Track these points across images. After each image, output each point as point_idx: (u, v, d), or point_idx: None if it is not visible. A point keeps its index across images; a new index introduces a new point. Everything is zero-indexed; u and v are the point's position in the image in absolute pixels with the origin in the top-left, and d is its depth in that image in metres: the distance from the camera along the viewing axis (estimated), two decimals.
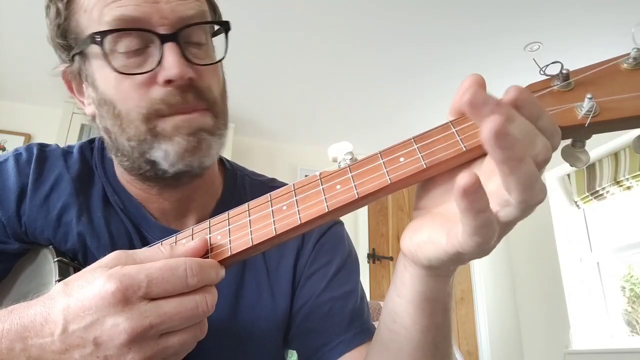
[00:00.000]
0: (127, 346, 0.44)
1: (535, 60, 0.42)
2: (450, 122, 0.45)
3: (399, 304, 0.54)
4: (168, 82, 0.63)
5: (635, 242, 3.39)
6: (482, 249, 0.40)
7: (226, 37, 0.71)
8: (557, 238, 3.84)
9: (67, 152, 0.78)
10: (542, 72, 0.41)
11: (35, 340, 0.46)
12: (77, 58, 0.69)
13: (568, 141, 0.42)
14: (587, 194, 3.75)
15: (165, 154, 0.64)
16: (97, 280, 0.45)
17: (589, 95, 0.38)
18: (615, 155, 3.57)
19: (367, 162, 0.48)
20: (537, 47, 2.90)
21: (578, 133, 0.41)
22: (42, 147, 0.78)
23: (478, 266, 4.23)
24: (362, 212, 3.99)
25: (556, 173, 4.01)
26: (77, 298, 0.45)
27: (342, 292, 0.77)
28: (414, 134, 0.47)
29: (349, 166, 0.49)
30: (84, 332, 0.44)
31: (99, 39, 0.63)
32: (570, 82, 0.41)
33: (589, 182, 3.75)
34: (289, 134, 4.02)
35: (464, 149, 0.43)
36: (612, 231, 3.64)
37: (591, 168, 3.76)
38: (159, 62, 0.63)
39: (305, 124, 3.85)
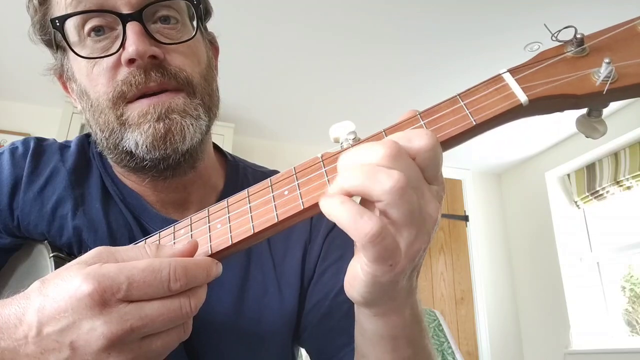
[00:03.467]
0: (106, 351, 0.41)
1: (546, 26, 0.40)
2: (459, 95, 0.43)
3: (361, 341, 0.54)
4: (130, 62, 0.61)
5: (635, 242, 3.38)
6: (386, 263, 0.40)
7: (196, 13, 0.69)
8: (557, 238, 3.83)
9: (64, 146, 0.77)
10: (554, 38, 0.40)
11: (8, 342, 0.43)
12: (59, 53, 0.68)
13: (583, 111, 0.40)
14: (587, 194, 3.75)
15: (136, 143, 0.62)
16: (73, 280, 0.42)
17: (606, 60, 0.36)
18: (615, 155, 3.56)
19: (371, 141, 0.45)
20: (537, 47, 2.89)
21: (595, 101, 0.39)
22: (39, 140, 0.76)
23: (478, 266, 4.22)
24: None
25: (556, 173, 4.00)
26: (52, 298, 0.42)
27: None
28: None
29: (352, 146, 0.47)
30: (59, 335, 0.42)
31: (58, 24, 0.61)
32: (585, 48, 0.39)
33: (589, 182, 3.75)
34: (289, 134, 4.00)
35: (474, 123, 0.41)
36: (612, 231, 3.63)
37: (591, 168, 3.76)
38: (122, 44, 0.61)
39: (305, 123, 3.83)
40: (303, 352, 0.85)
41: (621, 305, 3.54)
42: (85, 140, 0.78)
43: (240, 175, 0.82)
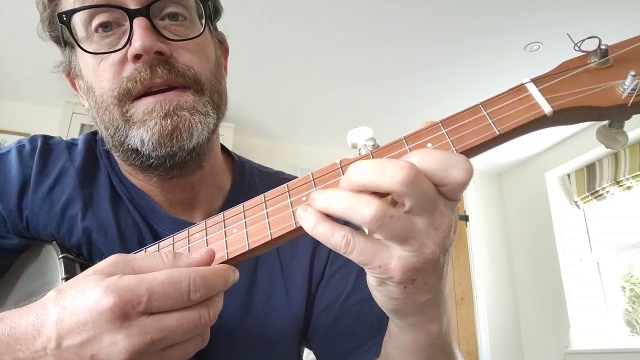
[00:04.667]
0: None
1: (569, 35, 0.40)
2: (481, 104, 0.43)
3: (395, 354, 0.54)
4: (137, 58, 0.60)
5: (635, 242, 3.39)
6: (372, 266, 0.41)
7: (204, 10, 0.68)
8: (557, 238, 3.84)
9: (71, 144, 0.76)
10: (577, 48, 0.40)
11: (26, 354, 0.43)
12: (67, 49, 0.68)
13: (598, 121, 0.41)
14: (587, 194, 3.75)
15: (142, 141, 0.61)
16: (93, 292, 0.42)
17: (632, 73, 0.37)
18: (615, 155, 3.57)
19: (391, 148, 0.45)
20: (537, 47, 2.89)
21: (618, 114, 0.39)
22: (46, 139, 0.75)
23: (478, 266, 4.22)
24: None
25: (556, 173, 4.01)
26: (71, 311, 0.42)
27: (369, 293, 0.75)
28: None
29: (371, 153, 0.46)
30: (79, 349, 0.41)
31: (65, 19, 0.61)
32: (609, 59, 0.39)
33: (589, 182, 3.76)
34: (289, 134, 4.00)
35: (497, 133, 0.41)
36: (612, 231, 3.64)
37: (591, 168, 3.76)
38: (129, 39, 0.61)
39: (305, 123, 3.83)
40: (304, 351, 0.85)
41: (621, 305, 3.55)
42: (93, 138, 0.77)
43: (246, 176, 0.81)
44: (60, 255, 0.65)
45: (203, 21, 0.68)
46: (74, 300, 0.42)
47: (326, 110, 3.61)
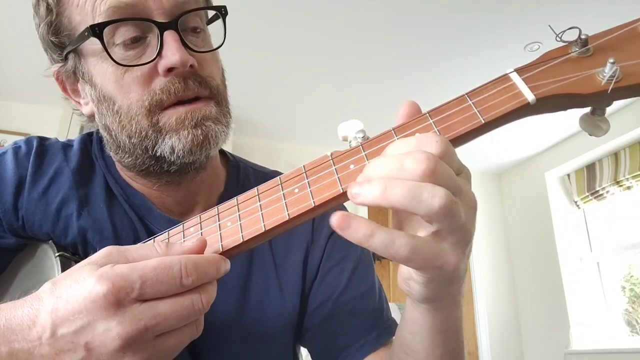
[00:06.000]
0: (121, 351, 0.42)
1: (551, 27, 0.41)
2: (467, 94, 0.44)
3: (411, 339, 0.54)
4: (169, 70, 0.61)
5: (635, 242, 3.40)
6: (434, 267, 0.40)
7: (224, 22, 0.70)
8: (557, 238, 3.84)
9: (67, 145, 0.77)
10: (558, 39, 0.41)
11: (22, 344, 0.43)
12: (70, 56, 0.67)
13: (584, 110, 0.42)
14: (587, 194, 3.76)
15: (172, 149, 0.63)
16: (87, 281, 0.42)
17: (611, 60, 0.38)
18: (615, 155, 3.58)
19: (381, 139, 0.46)
20: (537, 47, 2.90)
21: (600, 100, 0.40)
22: (42, 140, 0.76)
23: (478, 266, 4.23)
24: (362, 212, 3.98)
25: (556, 173, 4.02)
26: (65, 300, 0.43)
27: (363, 291, 0.76)
28: None
29: (361, 145, 0.47)
30: (74, 336, 0.42)
31: (98, 31, 0.61)
32: (589, 48, 0.41)
33: (589, 182, 3.76)
34: (288, 134, 4.01)
35: (483, 122, 0.42)
36: (612, 231, 3.64)
37: (591, 168, 3.77)
38: (159, 52, 0.61)
39: (305, 123, 3.85)
40: (304, 351, 0.86)
41: (621, 305, 3.55)
42: (88, 139, 0.78)
43: (241, 175, 0.82)
44: (57, 254, 0.66)
45: (224, 32, 0.69)
46: (69, 290, 0.43)
47: (324, 109, 3.62)
